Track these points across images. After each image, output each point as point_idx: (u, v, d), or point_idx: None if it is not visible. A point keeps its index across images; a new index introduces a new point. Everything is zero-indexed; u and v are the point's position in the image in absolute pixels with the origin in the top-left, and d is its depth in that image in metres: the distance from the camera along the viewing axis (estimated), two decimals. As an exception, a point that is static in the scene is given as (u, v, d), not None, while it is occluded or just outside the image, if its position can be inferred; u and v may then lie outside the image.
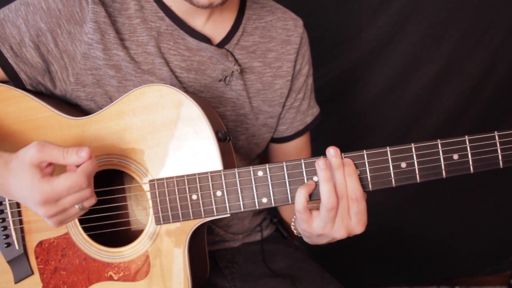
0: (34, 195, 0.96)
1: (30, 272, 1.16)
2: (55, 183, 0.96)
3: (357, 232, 1.06)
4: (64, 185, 0.96)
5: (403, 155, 1.02)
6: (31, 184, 0.96)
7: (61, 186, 0.96)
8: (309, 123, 1.48)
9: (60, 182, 0.96)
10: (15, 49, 1.15)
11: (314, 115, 1.49)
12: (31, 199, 0.97)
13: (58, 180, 0.96)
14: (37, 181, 0.96)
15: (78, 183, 0.96)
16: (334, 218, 1.03)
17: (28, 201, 0.99)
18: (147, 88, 1.10)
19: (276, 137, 1.47)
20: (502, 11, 2.02)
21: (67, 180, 0.96)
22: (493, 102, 2.16)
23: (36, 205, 0.98)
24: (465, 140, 1.02)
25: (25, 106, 1.15)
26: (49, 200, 0.96)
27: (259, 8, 1.36)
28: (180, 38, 1.23)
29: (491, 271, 2.50)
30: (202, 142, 1.08)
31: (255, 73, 1.32)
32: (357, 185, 1.02)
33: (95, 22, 1.15)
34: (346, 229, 1.04)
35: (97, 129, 1.12)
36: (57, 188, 0.96)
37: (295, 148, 1.50)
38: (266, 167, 1.05)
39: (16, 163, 0.99)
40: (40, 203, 0.96)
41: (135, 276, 1.12)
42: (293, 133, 1.46)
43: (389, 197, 2.21)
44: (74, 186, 0.96)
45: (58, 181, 0.96)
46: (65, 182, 0.96)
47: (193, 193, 1.07)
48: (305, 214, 1.03)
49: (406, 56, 2.08)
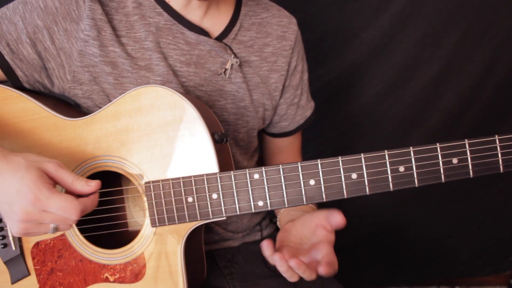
0: (27, 194, 0.94)
1: (26, 273, 1.16)
2: (55, 194, 0.95)
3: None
4: (61, 201, 0.95)
5: (401, 159, 1.01)
6: (31, 183, 0.94)
7: (58, 200, 0.94)
8: (309, 116, 1.53)
9: (60, 197, 0.95)
10: (11, 46, 1.16)
11: (312, 108, 1.54)
12: (21, 195, 0.94)
13: (58, 194, 0.95)
14: (40, 183, 0.95)
15: (74, 208, 0.95)
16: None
17: (14, 195, 0.95)
18: (143, 89, 1.10)
19: (277, 132, 1.51)
20: (502, 11, 2.02)
21: (66, 200, 0.95)
22: (493, 102, 2.15)
23: (21, 202, 0.95)
24: (465, 144, 1.00)
25: (21, 107, 1.15)
26: (39, 204, 0.94)
27: (254, 5, 1.38)
28: (179, 32, 1.24)
29: (491, 271, 2.50)
30: (198, 144, 1.07)
31: (252, 67, 1.34)
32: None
33: (92, 19, 1.16)
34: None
35: (93, 130, 1.12)
36: (54, 199, 0.94)
37: (291, 141, 1.56)
38: (262, 170, 1.04)
39: (23, 161, 0.97)
40: (29, 202, 0.94)
41: (131, 278, 1.12)
42: (294, 128, 1.51)
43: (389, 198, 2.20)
44: (68, 209, 0.95)
45: (58, 194, 0.95)
46: (65, 200, 0.95)
47: (189, 196, 1.06)
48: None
49: (406, 56, 2.08)
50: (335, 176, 1.03)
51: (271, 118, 1.46)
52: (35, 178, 0.95)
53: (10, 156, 0.99)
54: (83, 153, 1.12)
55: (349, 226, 2.44)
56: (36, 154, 1.02)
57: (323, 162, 1.02)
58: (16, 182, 0.95)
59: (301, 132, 1.58)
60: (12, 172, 0.96)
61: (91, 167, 1.12)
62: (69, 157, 1.13)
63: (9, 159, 0.98)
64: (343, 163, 1.02)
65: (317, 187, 1.03)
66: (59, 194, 0.95)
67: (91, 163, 1.12)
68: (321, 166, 1.03)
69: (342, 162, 1.02)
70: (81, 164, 1.12)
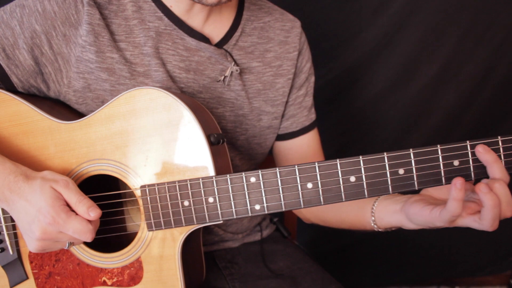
0: (46, 215, 0.99)
1: (25, 276, 1.16)
2: (71, 217, 1.00)
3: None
4: (77, 225, 1.00)
5: (400, 161, 0.99)
6: (48, 206, 0.99)
7: (74, 224, 1.00)
8: (315, 120, 1.48)
9: (76, 220, 1.00)
10: (7, 51, 1.14)
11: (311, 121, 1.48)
12: (40, 216, 0.99)
13: (75, 217, 1.00)
14: (57, 205, 1.00)
15: (89, 232, 1.00)
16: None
17: (33, 215, 1.00)
18: (136, 92, 1.09)
19: (280, 133, 1.45)
20: (502, 11, 2.02)
21: (82, 224, 1.00)
22: (493, 102, 2.15)
23: (40, 222, 1.00)
24: (467, 146, 0.98)
25: (14, 110, 1.14)
26: (56, 226, 0.99)
27: (257, 10, 1.35)
28: (178, 38, 1.22)
29: (491, 271, 2.49)
30: (194, 146, 1.06)
31: (254, 73, 1.32)
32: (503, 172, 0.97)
33: (89, 24, 1.14)
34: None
35: (87, 133, 1.11)
36: (70, 223, 1.00)
37: (301, 146, 1.47)
38: (258, 173, 1.03)
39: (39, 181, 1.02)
40: (47, 223, 0.99)
41: (129, 282, 1.12)
42: (298, 129, 1.45)
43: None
44: (83, 232, 1.00)
45: (74, 217, 1.00)
46: (80, 223, 1.00)
47: (185, 200, 1.06)
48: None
49: (406, 56, 2.08)
50: (333, 179, 1.01)
51: (279, 125, 1.42)
52: (52, 200, 0.99)
53: (31, 177, 1.04)
54: (78, 156, 1.12)
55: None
56: (50, 171, 1.06)
57: (320, 165, 1.01)
58: (36, 203, 1.00)
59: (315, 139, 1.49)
60: (32, 193, 1.01)
61: (86, 171, 1.12)
62: (63, 160, 1.12)
63: (30, 180, 1.03)
64: (341, 166, 1.00)
65: (315, 190, 1.02)
66: (75, 218, 1.00)
67: (86, 166, 1.11)
68: (318, 169, 1.01)
69: (340, 165, 1.00)
70: (75, 168, 1.12)
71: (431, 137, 2.19)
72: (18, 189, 1.02)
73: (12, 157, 1.11)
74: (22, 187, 1.02)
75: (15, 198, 1.02)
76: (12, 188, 1.02)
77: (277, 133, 1.43)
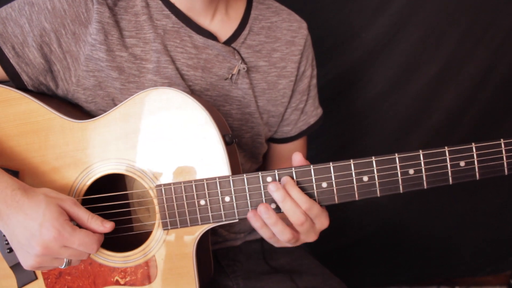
0: (50, 229, 0.97)
1: (33, 277, 1.15)
2: (77, 230, 1.00)
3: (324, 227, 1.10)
4: (84, 237, 1.00)
5: (411, 162, 1.03)
6: (53, 220, 0.98)
7: (80, 236, 1.00)
8: (312, 124, 1.49)
9: (82, 233, 1.00)
10: (17, 49, 1.14)
11: (318, 116, 1.51)
12: (43, 231, 0.98)
13: (80, 230, 1.00)
14: (62, 220, 0.99)
15: (95, 243, 1.02)
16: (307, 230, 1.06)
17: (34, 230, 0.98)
18: (153, 91, 1.09)
19: (279, 137, 1.48)
20: (502, 11, 2.02)
21: (88, 236, 1.01)
22: (493, 102, 2.16)
23: (42, 237, 0.98)
24: (472, 148, 1.03)
25: (25, 108, 1.13)
26: (61, 240, 0.98)
27: (264, 9, 1.36)
28: (186, 35, 1.23)
29: (491, 271, 2.50)
30: (210, 147, 1.07)
31: (260, 72, 1.33)
32: (301, 196, 1.03)
33: (99, 22, 1.14)
34: (315, 233, 1.10)
35: (101, 133, 1.11)
36: (76, 235, 1.00)
37: (294, 149, 1.49)
38: (275, 173, 1.04)
39: (43, 198, 1.00)
40: (51, 237, 0.98)
41: (142, 281, 1.11)
42: (296, 133, 1.48)
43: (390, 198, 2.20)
44: (90, 244, 1.01)
45: (80, 231, 1.00)
46: (86, 236, 1.01)
47: (201, 199, 1.06)
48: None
49: (406, 56, 2.08)
50: (347, 179, 1.04)
51: (278, 125, 1.44)
52: (57, 215, 0.99)
53: (30, 192, 1.02)
54: (91, 155, 1.11)
55: (349, 226, 2.44)
56: (50, 189, 1.05)
57: (335, 166, 1.04)
58: (38, 217, 0.98)
59: (305, 142, 1.54)
60: (34, 207, 0.99)
61: (98, 171, 1.11)
62: (75, 159, 1.11)
63: (30, 195, 1.01)
64: (355, 166, 1.04)
65: (330, 189, 1.05)
66: (81, 231, 1.01)
67: (99, 166, 1.11)
68: (333, 170, 1.04)
69: (354, 165, 1.04)
70: (88, 167, 1.11)
71: (431, 137, 2.19)
72: (16, 203, 0.99)
73: (22, 155, 1.11)
74: (21, 200, 0.99)
75: (12, 212, 0.99)
76: (8, 202, 0.99)
77: (273, 131, 1.44)
